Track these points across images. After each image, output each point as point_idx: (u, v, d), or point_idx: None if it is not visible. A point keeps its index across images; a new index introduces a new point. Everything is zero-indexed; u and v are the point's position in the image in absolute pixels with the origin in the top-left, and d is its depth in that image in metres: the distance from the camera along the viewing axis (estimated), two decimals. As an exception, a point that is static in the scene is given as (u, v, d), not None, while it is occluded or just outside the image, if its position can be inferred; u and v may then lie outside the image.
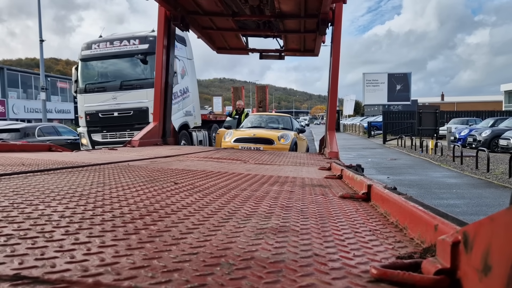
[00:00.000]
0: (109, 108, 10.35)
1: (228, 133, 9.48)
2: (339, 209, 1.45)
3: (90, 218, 1.13)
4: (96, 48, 10.76)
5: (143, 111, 10.13)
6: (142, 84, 10.24)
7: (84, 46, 10.95)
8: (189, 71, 11.86)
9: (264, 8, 6.92)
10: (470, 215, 6.02)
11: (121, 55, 10.56)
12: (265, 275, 0.71)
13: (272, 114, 12.65)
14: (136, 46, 10.38)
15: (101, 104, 10.40)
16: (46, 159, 3.14)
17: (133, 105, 10.17)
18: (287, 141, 8.91)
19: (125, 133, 10.17)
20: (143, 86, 10.15)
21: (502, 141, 16.09)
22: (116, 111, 10.28)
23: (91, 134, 10.55)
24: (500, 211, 0.55)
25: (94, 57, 10.79)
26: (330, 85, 6.73)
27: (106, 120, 10.39)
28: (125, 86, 10.38)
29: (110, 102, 10.35)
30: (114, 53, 10.58)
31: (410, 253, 0.89)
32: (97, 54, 10.72)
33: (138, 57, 10.11)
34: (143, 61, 10.19)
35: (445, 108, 33.63)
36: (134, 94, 10.25)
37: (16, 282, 0.64)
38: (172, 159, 3.87)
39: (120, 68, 10.84)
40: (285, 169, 3.25)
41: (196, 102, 12.23)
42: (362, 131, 33.84)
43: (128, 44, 10.47)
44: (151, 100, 9.45)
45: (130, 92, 10.29)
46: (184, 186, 1.92)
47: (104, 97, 10.40)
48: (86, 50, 10.85)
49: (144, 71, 10.44)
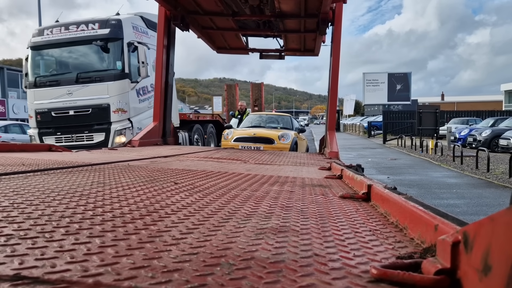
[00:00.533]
0: (64, 106, 8.69)
1: (228, 133, 9.38)
2: (339, 209, 1.45)
3: (90, 218, 1.13)
4: (48, 34, 9.02)
5: (103, 108, 8.56)
6: (102, 76, 8.68)
7: (35, 33, 9.27)
8: None
9: (264, 8, 6.92)
10: (470, 215, 6.02)
11: (78, 42, 8.88)
12: (265, 275, 0.71)
13: (272, 114, 12.51)
14: (96, 31, 8.73)
15: (54, 101, 8.74)
16: (46, 159, 3.14)
17: (92, 101, 8.60)
18: (288, 140, 8.85)
19: (83, 136, 8.64)
20: (103, 79, 8.64)
21: (502, 141, 16.09)
22: (72, 109, 8.65)
23: (43, 137, 8.91)
24: (500, 211, 0.55)
25: (46, 45, 9.09)
26: (330, 85, 6.73)
27: (60, 120, 8.77)
28: (83, 79, 8.73)
29: (65, 99, 8.70)
30: (69, 39, 8.89)
31: (410, 253, 0.89)
32: (50, 41, 9.01)
33: (97, 44, 8.55)
34: (104, 48, 8.67)
35: (445, 108, 33.62)
36: (93, 89, 8.65)
37: (16, 282, 0.64)
38: (172, 159, 3.87)
39: (76, 58, 9.21)
40: (285, 169, 3.25)
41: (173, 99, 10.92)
42: (362, 131, 33.84)
43: (86, 29, 8.80)
44: (113, 96, 8.54)
45: (89, 86, 8.68)
46: (184, 186, 1.93)
47: (57, 93, 8.75)
48: (37, 36, 9.15)
49: (105, 61, 8.90)
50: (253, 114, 12.04)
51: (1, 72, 32.72)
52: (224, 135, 9.40)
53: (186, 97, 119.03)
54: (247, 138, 8.94)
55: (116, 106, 8.57)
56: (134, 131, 8.58)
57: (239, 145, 8.58)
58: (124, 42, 8.70)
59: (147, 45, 9.03)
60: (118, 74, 8.69)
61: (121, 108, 8.63)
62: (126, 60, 8.69)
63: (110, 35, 8.65)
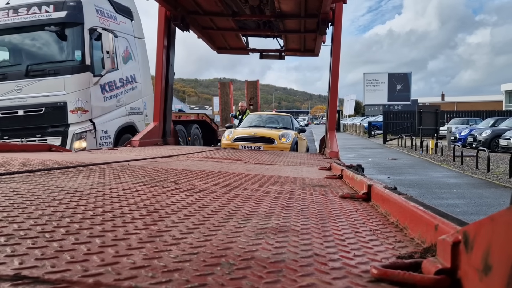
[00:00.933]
0: (12, 104, 7.23)
1: (228, 132, 9.31)
2: (340, 209, 1.45)
3: (90, 218, 1.13)
4: None
5: (59, 108, 7.06)
6: (58, 69, 7.16)
7: None
8: (138, 54, 8.87)
9: (264, 8, 6.93)
10: (470, 215, 6.02)
11: (28, 28, 7.39)
12: (266, 275, 0.71)
13: (272, 114, 12.34)
14: (50, 14, 7.22)
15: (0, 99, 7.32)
16: (46, 159, 3.14)
17: (46, 99, 7.12)
18: (288, 140, 8.77)
19: (34, 140, 7.15)
20: (59, 72, 7.13)
21: (502, 141, 16.09)
22: (22, 108, 7.22)
23: None
24: (500, 211, 0.55)
25: None
26: (330, 85, 6.74)
27: (7, 121, 7.27)
28: (34, 72, 7.22)
29: (12, 96, 7.25)
30: (18, 24, 7.40)
31: (410, 253, 0.89)
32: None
33: (51, 29, 7.13)
34: (60, 35, 7.22)
35: (445, 108, 33.62)
36: (46, 84, 7.15)
37: (16, 282, 0.64)
38: (172, 159, 3.87)
39: (28, 47, 7.72)
40: (285, 169, 3.25)
41: (150, 97, 8.86)
42: (362, 131, 33.84)
43: (39, 12, 7.29)
44: (71, 92, 7.01)
45: (41, 80, 7.17)
46: (185, 186, 1.93)
47: (3, 89, 7.29)
48: None
49: (62, 50, 7.43)
50: (253, 114, 11.89)
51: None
52: (225, 135, 9.33)
53: (186, 97, 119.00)
54: (247, 137, 8.85)
55: (74, 104, 7.12)
56: (97, 135, 7.34)
57: (240, 144, 8.52)
58: (85, 27, 7.23)
59: (114, 32, 7.63)
60: (77, 66, 7.20)
61: (80, 107, 7.20)
62: (87, 50, 7.22)
63: (67, 19, 7.16)
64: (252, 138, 8.81)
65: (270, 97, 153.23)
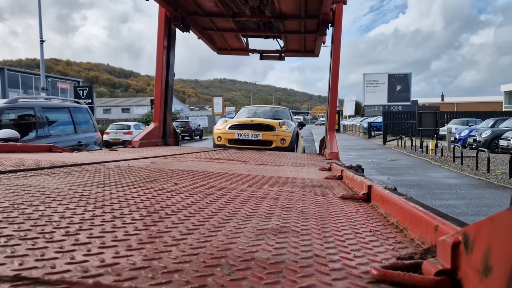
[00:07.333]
0: None
1: (222, 121, 8.39)
2: (340, 210, 1.45)
3: (90, 219, 1.13)
4: None
5: None
6: None
7: None
8: None
9: (264, 9, 6.93)
10: (470, 216, 6.01)
11: None
12: (266, 276, 0.71)
13: (268, 106, 10.94)
14: None
15: None
16: (46, 160, 3.14)
17: None
18: (290, 128, 7.90)
19: None
20: None
21: (502, 142, 16.09)
22: None
23: None
24: (500, 212, 0.55)
25: None
26: (330, 85, 6.74)
27: None
28: None
29: None
30: None
31: (410, 253, 0.89)
32: None
33: None
34: None
35: (445, 109, 33.62)
36: None
37: (16, 283, 0.64)
38: (172, 159, 3.87)
39: None
40: (285, 170, 3.25)
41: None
42: (362, 131, 33.84)
43: None
44: None
45: None
46: (185, 186, 1.92)
47: None
48: None
49: None
50: (246, 106, 10.81)
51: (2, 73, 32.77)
52: (218, 123, 8.42)
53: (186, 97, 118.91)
54: (244, 125, 7.95)
55: None
56: None
57: (235, 132, 7.72)
58: None
59: None
60: None
61: None
62: None
63: None
64: (250, 125, 7.93)
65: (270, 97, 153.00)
